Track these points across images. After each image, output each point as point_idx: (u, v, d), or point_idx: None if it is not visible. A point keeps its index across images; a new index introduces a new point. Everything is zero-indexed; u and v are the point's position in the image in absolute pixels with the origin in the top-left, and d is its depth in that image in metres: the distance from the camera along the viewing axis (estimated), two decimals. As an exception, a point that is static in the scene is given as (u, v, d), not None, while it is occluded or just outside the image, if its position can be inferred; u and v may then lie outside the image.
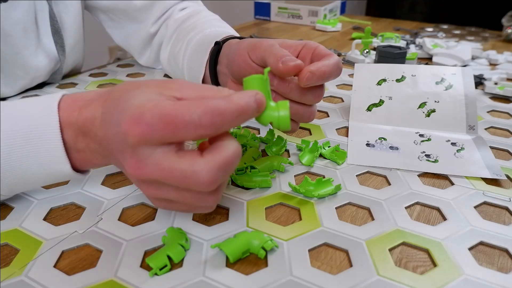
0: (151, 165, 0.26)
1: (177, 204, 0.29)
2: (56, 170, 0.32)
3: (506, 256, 0.32)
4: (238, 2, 2.38)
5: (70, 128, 0.31)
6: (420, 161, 0.44)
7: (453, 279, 0.29)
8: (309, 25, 1.16)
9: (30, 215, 0.35)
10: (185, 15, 0.64)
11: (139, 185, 0.28)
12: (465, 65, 0.77)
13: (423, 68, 0.54)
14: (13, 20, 0.54)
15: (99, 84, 0.66)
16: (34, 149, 0.31)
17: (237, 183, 0.39)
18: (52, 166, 0.32)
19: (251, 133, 0.47)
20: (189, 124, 0.25)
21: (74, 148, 0.31)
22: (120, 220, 0.34)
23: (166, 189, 0.27)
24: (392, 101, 0.52)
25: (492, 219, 0.35)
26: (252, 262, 0.30)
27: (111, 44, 2.18)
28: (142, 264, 0.30)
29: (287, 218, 0.35)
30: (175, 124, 0.25)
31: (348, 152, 0.45)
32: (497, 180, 0.41)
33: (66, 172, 0.32)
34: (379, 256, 0.31)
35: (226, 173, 0.27)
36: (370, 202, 0.37)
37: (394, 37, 0.90)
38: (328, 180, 0.38)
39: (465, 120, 0.49)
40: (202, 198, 0.28)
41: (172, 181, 0.26)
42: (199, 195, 0.28)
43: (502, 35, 1.00)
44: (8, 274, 0.29)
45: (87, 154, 0.32)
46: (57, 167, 0.32)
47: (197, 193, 0.27)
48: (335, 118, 0.54)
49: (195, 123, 0.25)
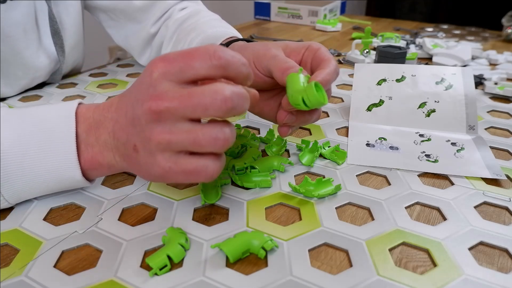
0: (172, 93, 0.28)
1: (183, 160, 0.29)
2: (66, 175, 0.33)
3: (506, 256, 0.32)
4: (238, 2, 2.38)
5: (85, 122, 0.33)
6: (420, 161, 0.44)
7: (453, 279, 0.29)
8: (309, 25, 1.16)
9: (30, 215, 0.35)
10: (185, 15, 0.64)
11: (152, 129, 0.29)
12: (465, 65, 0.77)
13: (423, 68, 0.54)
14: (13, 21, 0.54)
15: (99, 84, 0.66)
16: (48, 153, 0.32)
17: (237, 183, 0.39)
18: (62, 169, 0.33)
19: (251, 133, 0.47)
20: (204, 55, 0.28)
21: (85, 142, 0.33)
22: (120, 220, 0.34)
23: (179, 129, 0.28)
24: (392, 101, 0.52)
25: (492, 219, 0.35)
26: (252, 262, 0.30)
27: (111, 44, 2.18)
28: (142, 264, 0.30)
29: (287, 218, 0.35)
30: (192, 55, 0.28)
31: (348, 152, 0.45)
32: (497, 180, 0.41)
33: (76, 177, 0.34)
34: (379, 256, 0.31)
35: (240, 99, 0.28)
36: (370, 202, 0.37)
37: (394, 37, 0.90)
38: (328, 180, 0.38)
39: (465, 120, 0.49)
40: (215, 134, 0.28)
41: (190, 107, 0.28)
42: (212, 130, 0.28)
43: (502, 35, 1.00)
44: (8, 274, 0.29)
45: (96, 149, 0.33)
46: (67, 171, 0.33)
47: (210, 128, 0.28)
48: (335, 118, 0.54)
49: (209, 53, 0.28)
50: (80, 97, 0.60)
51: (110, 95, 0.61)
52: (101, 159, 0.33)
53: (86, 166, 0.34)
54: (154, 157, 0.29)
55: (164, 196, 0.37)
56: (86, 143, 0.33)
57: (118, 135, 0.32)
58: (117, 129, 0.32)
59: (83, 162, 0.33)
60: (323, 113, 0.56)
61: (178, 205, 0.36)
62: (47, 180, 0.34)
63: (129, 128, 0.31)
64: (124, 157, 0.33)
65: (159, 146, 0.29)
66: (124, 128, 0.31)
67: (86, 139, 0.33)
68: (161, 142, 0.29)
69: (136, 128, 0.30)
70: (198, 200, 0.37)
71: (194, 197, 0.37)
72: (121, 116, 0.32)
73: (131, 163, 0.32)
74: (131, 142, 0.31)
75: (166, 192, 0.38)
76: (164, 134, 0.28)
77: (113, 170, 0.35)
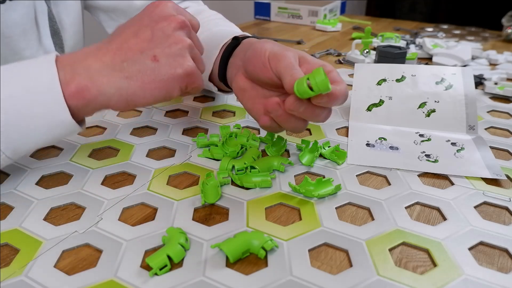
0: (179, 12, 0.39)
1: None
2: (56, 118, 0.34)
3: (506, 256, 0.32)
4: (238, 2, 2.38)
5: (65, 60, 0.35)
6: (420, 161, 0.44)
7: (453, 279, 0.29)
8: (309, 25, 1.16)
9: (30, 215, 0.35)
10: None
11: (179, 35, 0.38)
12: (465, 65, 0.77)
13: (423, 68, 0.54)
14: (12, 22, 0.54)
15: (99, 84, 0.66)
16: (35, 101, 0.34)
17: (237, 183, 0.39)
18: (52, 111, 0.34)
19: (251, 133, 0.47)
20: None
21: (71, 72, 0.35)
22: (120, 220, 0.34)
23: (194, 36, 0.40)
24: (392, 101, 0.52)
25: (492, 219, 0.35)
26: (252, 262, 0.30)
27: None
28: (142, 264, 0.30)
29: (287, 218, 0.35)
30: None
31: (348, 152, 0.45)
32: (497, 180, 0.41)
33: (65, 120, 0.35)
34: (379, 256, 0.31)
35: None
36: (370, 202, 0.37)
37: (394, 37, 0.90)
38: (328, 180, 0.38)
39: (465, 120, 0.49)
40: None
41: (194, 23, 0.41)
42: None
43: (502, 35, 1.00)
44: (8, 274, 0.29)
45: (83, 77, 0.35)
46: (57, 113, 0.34)
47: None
48: (335, 118, 0.54)
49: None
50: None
51: (110, 95, 0.61)
52: (90, 85, 0.35)
53: (72, 95, 0.34)
54: (183, 58, 0.37)
55: (164, 196, 0.37)
56: (72, 73, 0.35)
57: (124, 57, 0.36)
58: (120, 54, 0.36)
59: (68, 94, 0.34)
60: (323, 113, 0.56)
61: (178, 205, 0.36)
62: (37, 123, 0.34)
63: (144, 43, 0.37)
64: (127, 78, 0.36)
65: (186, 49, 0.38)
66: (133, 47, 0.36)
67: (72, 69, 0.35)
68: (190, 45, 0.38)
69: (156, 41, 0.37)
70: (198, 200, 0.37)
71: (194, 197, 0.37)
72: (125, 42, 0.37)
73: (139, 79, 0.36)
74: (149, 54, 0.36)
75: (166, 192, 0.38)
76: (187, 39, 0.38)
77: (103, 100, 0.36)
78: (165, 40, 0.37)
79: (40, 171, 0.41)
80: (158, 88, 0.37)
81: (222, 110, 0.57)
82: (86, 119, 0.39)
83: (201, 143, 0.46)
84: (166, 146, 0.47)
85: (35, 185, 0.39)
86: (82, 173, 0.41)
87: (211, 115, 0.55)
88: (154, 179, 0.40)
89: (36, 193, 0.38)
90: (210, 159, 0.44)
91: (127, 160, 0.43)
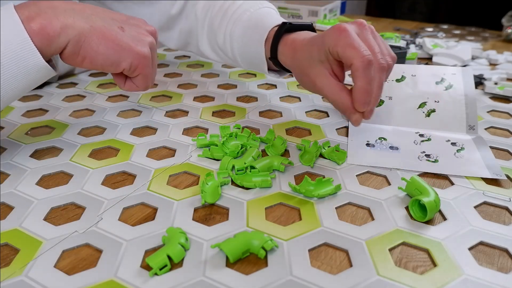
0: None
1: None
2: (24, 57, 0.35)
3: (506, 256, 0.32)
4: (238, 2, 2.37)
5: (30, 3, 0.36)
6: (420, 161, 0.44)
7: (453, 279, 0.29)
8: (309, 25, 1.16)
9: (30, 215, 0.35)
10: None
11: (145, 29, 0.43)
12: (465, 65, 0.77)
13: (423, 68, 0.54)
14: None
15: (99, 83, 0.66)
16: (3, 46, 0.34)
17: (237, 183, 0.39)
18: (18, 48, 0.34)
19: (251, 133, 0.47)
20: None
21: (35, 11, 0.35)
22: (120, 220, 0.34)
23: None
24: (392, 101, 0.52)
25: (492, 219, 0.35)
26: (252, 262, 0.30)
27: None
28: (142, 264, 0.30)
29: (287, 218, 0.35)
30: None
31: (348, 152, 0.45)
32: (497, 180, 0.41)
33: (36, 61, 0.35)
34: (379, 256, 0.31)
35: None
36: (370, 202, 0.37)
37: (394, 37, 0.90)
38: (328, 180, 0.38)
39: (465, 120, 0.49)
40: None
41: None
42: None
43: (502, 35, 1.00)
44: (8, 274, 0.29)
45: (49, 14, 0.35)
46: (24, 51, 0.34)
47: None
48: (335, 118, 0.54)
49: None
50: (80, 97, 0.60)
51: (111, 95, 0.61)
52: (55, 21, 0.35)
53: (37, 31, 0.35)
54: (144, 43, 0.40)
55: (164, 196, 0.37)
56: (37, 11, 0.35)
57: (94, 12, 0.39)
58: (91, 9, 0.39)
59: (31, 31, 0.34)
60: (323, 113, 0.56)
61: (178, 205, 0.36)
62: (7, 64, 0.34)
63: (116, 17, 0.41)
64: (91, 27, 0.37)
65: (148, 42, 0.41)
66: (106, 15, 0.40)
67: (37, 8, 0.35)
68: (151, 43, 0.42)
69: (127, 23, 0.41)
70: (198, 200, 0.37)
71: (194, 197, 0.37)
72: (99, 10, 0.40)
73: (101, 31, 0.38)
74: (117, 24, 0.40)
75: (166, 192, 0.38)
76: (152, 38, 0.42)
77: (63, 41, 0.36)
78: (135, 27, 0.41)
79: (40, 171, 0.41)
80: (113, 50, 0.38)
81: (222, 110, 0.57)
82: (86, 119, 0.39)
83: (201, 143, 0.46)
84: (166, 146, 0.47)
85: (35, 185, 0.39)
86: (82, 173, 0.41)
87: (211, 115, 0.55)
88: (154, 179, 0.40)
89: (36, 193, 0.38)
90: (210, 159, 0.44)
91: (127, 160, 0.43)
